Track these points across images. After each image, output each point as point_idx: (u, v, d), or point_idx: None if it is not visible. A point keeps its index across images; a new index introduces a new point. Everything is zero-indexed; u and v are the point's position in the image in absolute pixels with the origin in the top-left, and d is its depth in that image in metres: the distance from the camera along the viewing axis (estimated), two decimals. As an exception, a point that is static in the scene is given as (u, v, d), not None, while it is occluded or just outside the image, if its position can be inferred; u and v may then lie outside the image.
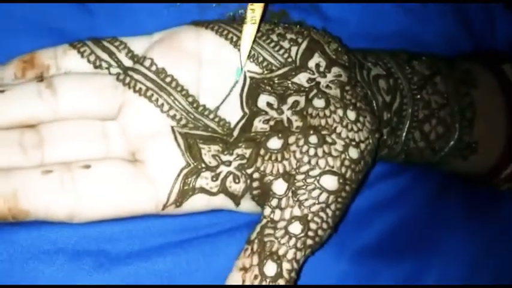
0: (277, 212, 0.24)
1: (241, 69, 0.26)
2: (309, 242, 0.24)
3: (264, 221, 0.24)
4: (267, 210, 0.24)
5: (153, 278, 0.25)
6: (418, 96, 0.31)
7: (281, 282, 0.23)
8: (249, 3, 0.26)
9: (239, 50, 0.27)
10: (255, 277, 0.23)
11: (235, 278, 0.23)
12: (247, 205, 0.26)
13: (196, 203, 0.25)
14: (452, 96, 0.33)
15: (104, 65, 0.26)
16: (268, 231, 0.24)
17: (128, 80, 0.25)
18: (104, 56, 0.26)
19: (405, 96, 0.31)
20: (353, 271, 0.29)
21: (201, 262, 0.26)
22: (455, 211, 0.35)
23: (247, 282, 0.23)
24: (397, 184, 0.33)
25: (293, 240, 0.23)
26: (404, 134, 0.31)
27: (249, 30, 0.26)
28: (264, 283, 0.22)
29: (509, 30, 0.40)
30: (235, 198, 0.25)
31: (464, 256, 0.33)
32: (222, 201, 0.25)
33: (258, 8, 0.26)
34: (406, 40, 0.34)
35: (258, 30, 0.27)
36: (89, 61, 0.26)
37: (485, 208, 0.36)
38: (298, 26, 0.29)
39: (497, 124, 0.35)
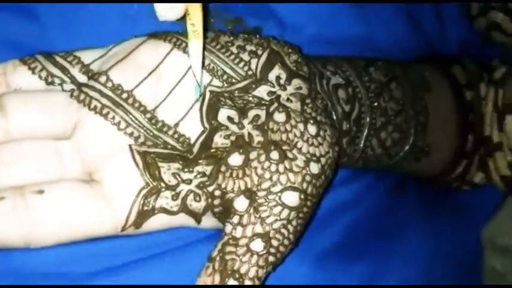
0: (239, 229, 0.24)
1: (199, 87, 0.26)
2: (271, 258, 0.24)
3: (226, 238, 0.24)
4: (228, 228, 0.24)
5: None
6: (376, 104, 0.32)
7: None
8: (187, 19, 0.25)
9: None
10: None
11: None
12: (208, 222, 0.25)
13: (156, 223, 0.24)
14: (408, 102, 0.34)
15: (57, 81, 0.25)
16: (229, 248, 0.24)
17: (82, 96, 0.25)
18: (56, 71, 0.25)
19: (363, 105, 0.31)
20: (314, 274, 0.30)
21: (163, 278, 0.26)
22: (411, 210, 0.36)
23: None
24: (355, 188, 0.34)
25: (255, 257, 0.23)
26: (362, 142, 0.32)
27: (195, 46, 0.25)
28: None
29: (459, 32, 0.41)
30: (196, 216, 0.25)
31: (421, 253, 0.34)
32: (182, 220, 0.25)
33: (198, 21, 0.25)
34: (361, 45, 0.35)
35: (215, 41, 0.27)
36: (40, 77, 0.25)
37: (438, 206, 0.38)
38: (258, 37, 0.29)
39: (449, 127, 0.36)
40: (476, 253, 0.43)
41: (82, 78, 0.25)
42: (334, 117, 0.29)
